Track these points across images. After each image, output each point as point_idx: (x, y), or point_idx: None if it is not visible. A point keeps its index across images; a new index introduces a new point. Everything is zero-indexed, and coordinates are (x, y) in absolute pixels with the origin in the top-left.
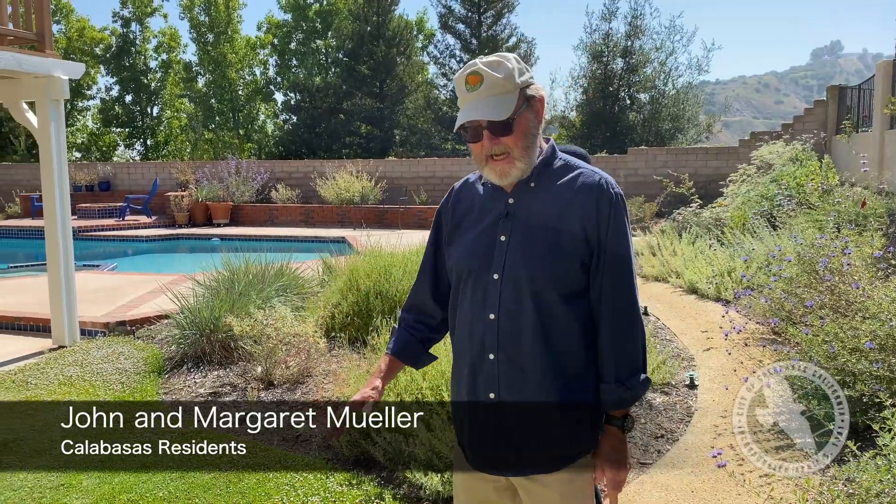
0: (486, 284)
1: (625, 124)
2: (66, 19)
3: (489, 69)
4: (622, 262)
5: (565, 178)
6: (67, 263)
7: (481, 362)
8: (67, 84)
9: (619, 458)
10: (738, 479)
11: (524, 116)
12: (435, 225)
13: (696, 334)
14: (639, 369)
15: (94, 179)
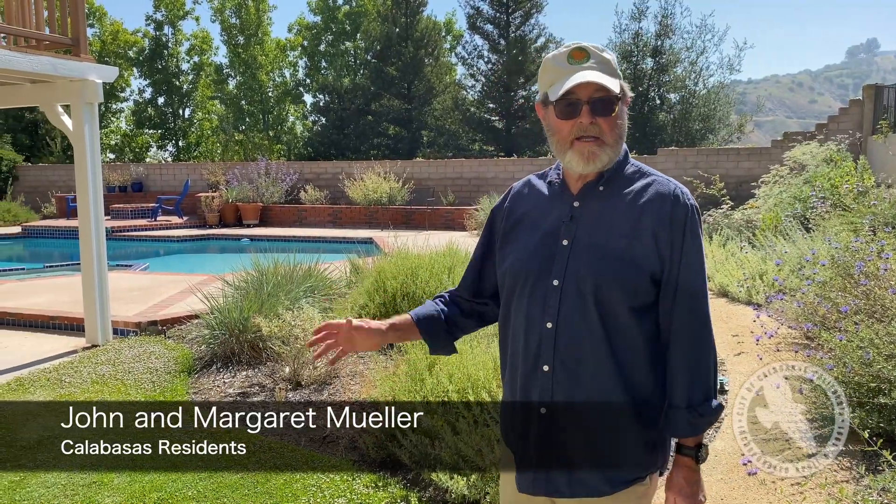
0: (545, 291)
1: (655, 124)
2: (99, 22)
3: (595, 49)
4: (696, 277)
5: (637, 184)
6: (101, 263)
7: (534, 374)
8: (101, 87)
9: (693, 490)
10: (770, 487)
11: (621, 106)
12: (487, 225)
13: (726, 338)
14: (711, 395)
15: (127, 180)
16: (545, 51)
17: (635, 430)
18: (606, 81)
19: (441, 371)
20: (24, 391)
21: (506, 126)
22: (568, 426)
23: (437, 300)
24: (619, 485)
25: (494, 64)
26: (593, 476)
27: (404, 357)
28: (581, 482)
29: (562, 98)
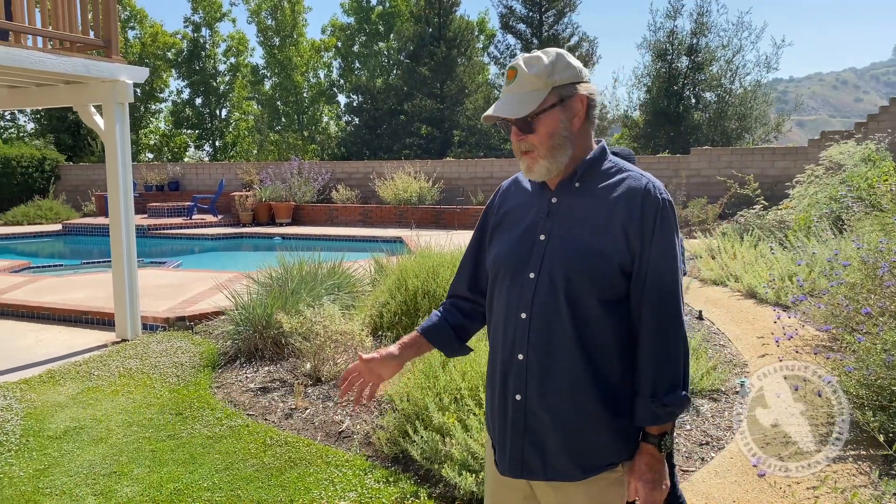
0: (522, 283)
1: (689, 123)
2: (140, 25)
3: (525, 65)
4: (666, 272)
5: (611, 180)
6: (130, 260)
7: (511, 362)
8: (132, 88)
9: (654, 477)
10: (782, 491)
11: (552, 116)
12: (480, 221)
13: (751, 340)
14: (678, 385)
15: (164, 179)
16: (578, 49)
17: (606, 418)
18: (505, 112)
19: (454, 369)
20: (54, 383)
21: None
22: (540, 413)
23: (440, 309)
24: (591, 470)
25: None
26: (565, 461)
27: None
28: (554, 467)
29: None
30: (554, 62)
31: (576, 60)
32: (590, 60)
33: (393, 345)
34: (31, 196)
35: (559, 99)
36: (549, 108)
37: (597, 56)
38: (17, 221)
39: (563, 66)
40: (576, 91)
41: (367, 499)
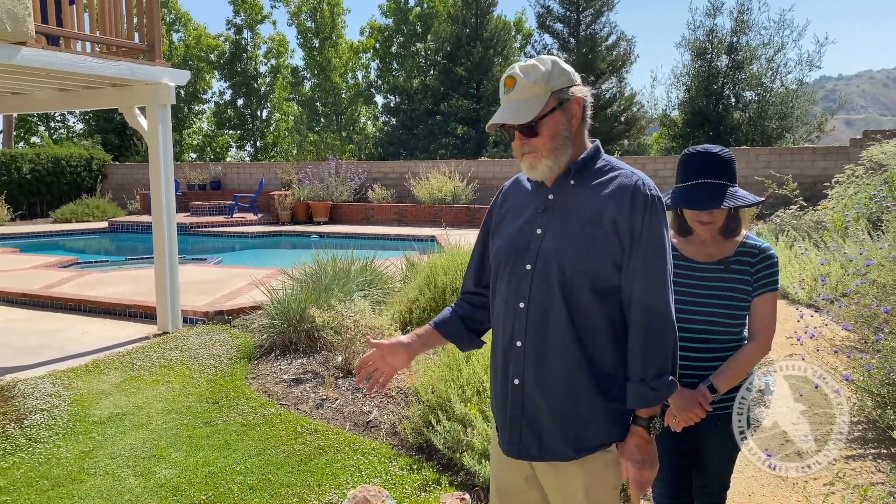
0: (520, 275)
1: (729, 123)
2: (185, 28)
3: (522, 73)
4: (654, 263)
5: (604, 177)
6: (172, 256)
7: (510, 349)
8: (174, 90)
9: (643, 458)
10: (798, 487)
11: (553, 119)
12: (485, 219)
13: (779, 340)
14: (665, 371)
15: (206, 179)
16: (616, 49)
17: (598, 402)
18: (511, 119)
19: (477, 363)
20: (99, 372)
21: None
22: (536, 397)
23: (448, 307)
24: (584, 451)
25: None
26: (560, 442)
27: (447, 349)
28: (549, 447)
29: (502, 126)
30: (550, 69)
31: (569, 66)
32: (627, 60)
33: (406, 335)
34: (79, 194)
35: (558, 103)
36: (550, 112)
37: (634, 55)
38: (66, 219)
39: (559, 72)
40: (572, 94)
41: (392, 485)
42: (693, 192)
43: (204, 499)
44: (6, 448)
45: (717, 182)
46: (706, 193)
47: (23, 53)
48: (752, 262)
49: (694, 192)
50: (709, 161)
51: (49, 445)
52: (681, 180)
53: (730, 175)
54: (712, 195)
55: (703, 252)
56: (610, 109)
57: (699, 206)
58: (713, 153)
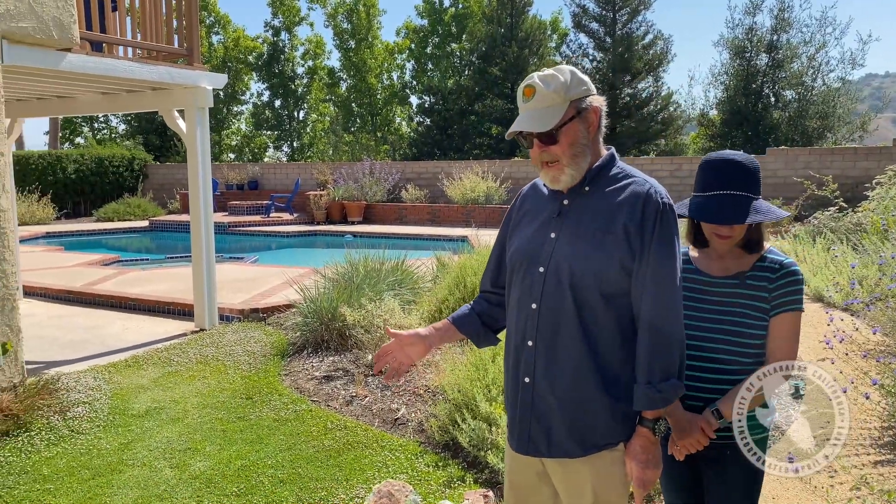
0: (533, 276)
1: (768, 123)
2: (224, 30)
3: (542, 83)
4: (663, 269)
5: (618, 184)
6: (209, 255)
7: (522, 348)
8: (211, 93)
9: (647, 458)
10: (823, 492)
11: (572, 127)
12: (504, 221)
13: (812, 343)
14: (672, 374)
15: (244, 179)
16: (653, 48)
17: (605, 402)
18: (532, 127)
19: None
20: (138, 367)
21: (610, 125)
22: (546, 395)
23: (466, 304)
24: (591, 449)
25: (599, 62)
26: (568, 440)
27: (472, 348)
28: (558, 444)
29: (519, 134)
30: (569, 79)
31: (585, 76)
32: (664, 59)
33: (425, 327)
34: (121, 194)
35: (577, 111)
36: (569, 121)
37: (672, 54)
38: (108, 218)
39: (578, 81)
40: (589, 104)
41: (417, 481)
42: (713, 203)
43: (236, 491)
44: (50, 439)
45: (739, 194)
46: (728, 206)
47: (68, 59)
48: (770, 277)
49: (714, 203)
50: (733, 170)
51: (90, 437)
52: (700, 189)
53: (754, 186)
54: (735, 208)
55: (719, 265)
56: (646, 109)
57: (720, 219)
58: (738, 161)
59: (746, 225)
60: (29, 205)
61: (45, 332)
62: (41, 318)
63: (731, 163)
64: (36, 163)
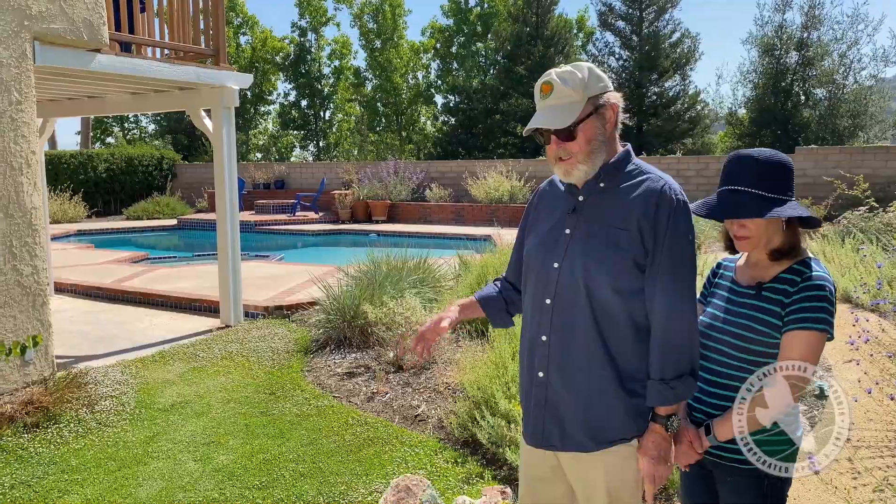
0: (548, 272)
1: (798, 121)
2: (251, 31)
3: (560, 79)
4: (677, 265)
5: (633, 181)
6: (234, 253)
7: (536, 343)
8: (237, 93)
9: (659, 454)
10: (845, 493)
11: (590, 124)
12: (523, 217)
13: (838, 345)
14: (685, 371)
15: (270, 178)
16: (680, 46)
17: (619, 397)
18: (550, 123)
19: None
20: (164, 362)
21: (636, 123)
22: (560, 389)
23: (495, 282)
24: (604, 443)
25: (626, 60)
26: (581, 434)
27: (494, 346)
28: (570, 438)
29: (536, 131)
30: (587, 75)
31: (603, 73)
32: (692, 57)
33: (455, 305)
34: (150, 193)
35: (594, 108)
36: (587, 118)
37: (699, 52)
38: (137, 216)
39: (596, 78)
40: (607, 101)
41: (436, 476)
42: (714, 199)
43: (258, 484)
44: (79, 431)
45: (743, 189)
46: (726, 203)
47: (98, 60)
48: (789, 290)
49: (714, 199)
50: (746, 165)
51: (117, 429)
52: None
53: (772, 184)
54: (734, 205)
55: (747, 274)
56: (673, 108)
57: (715, 214)
58: (753, 157)
59: (765, 228)
60: (61, 203)
61: (74, 328)
62: (71, 313)
63: (742, 158)
64: (68, 162)
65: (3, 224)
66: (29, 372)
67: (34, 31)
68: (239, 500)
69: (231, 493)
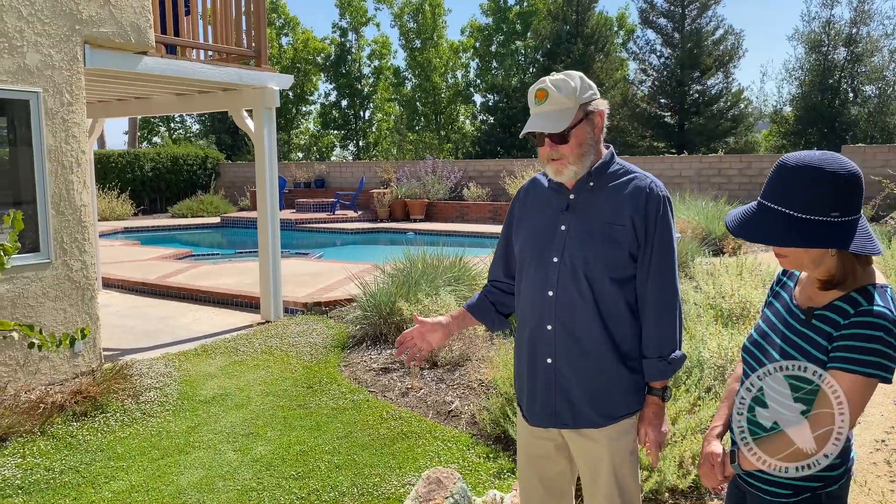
0: (547, 266)
1: (845, 119)
2: (293, 32)
3: (554, 87)
4: (665, 254)
5: (620, 180)
6: (275, 250)
7: (540, 332)
8: (278, 94)
9: (659, 422)
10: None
11: (581, 128)
12: (508, 215)
13: None
14: (676, 347)
15: (311, 177)
16: (723, 43)
17: (622, 374)
18: (547, 128)
19: None
20: (206, 356)
21: (678, 122)
22: (568, 373)
23: (480, 293)
24: (611, 419)
25: (667, 58)
26: (590, 412)
27: None
28: (582, 416)
29: (530, 134)
30: (579, 84)
31: (591, 82)
32: (735, 54)
33: (443, 316)
34: (194, 191)
35: (585, 114)
36: (578, 123)
37: (743, 49)
38: (182, 214)
39: (586, 86)
40: (596, 107)
41: (468, 471)
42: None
43: (294, 474)
44: (124, 420)
45: (772, 207)
46: (750, 219)
47: (144, 62)
48: (839, 322)
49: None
50: (779, 174)
51: (160, 420)
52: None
53: (806, 201)
54: (753, 224)
55: (803, 294)
56: (716, 106)
57: (732, 231)
58: (784, 164)
59: (804, 252)
60: (109, 201)
61: (121, 321)
62: (118, 308)
63: (779, 164)
64: (116, 161)
65: (54, 220)
66: (78, 363)
67: (84, 34)
68: (275, 490)
69: (268, 482)
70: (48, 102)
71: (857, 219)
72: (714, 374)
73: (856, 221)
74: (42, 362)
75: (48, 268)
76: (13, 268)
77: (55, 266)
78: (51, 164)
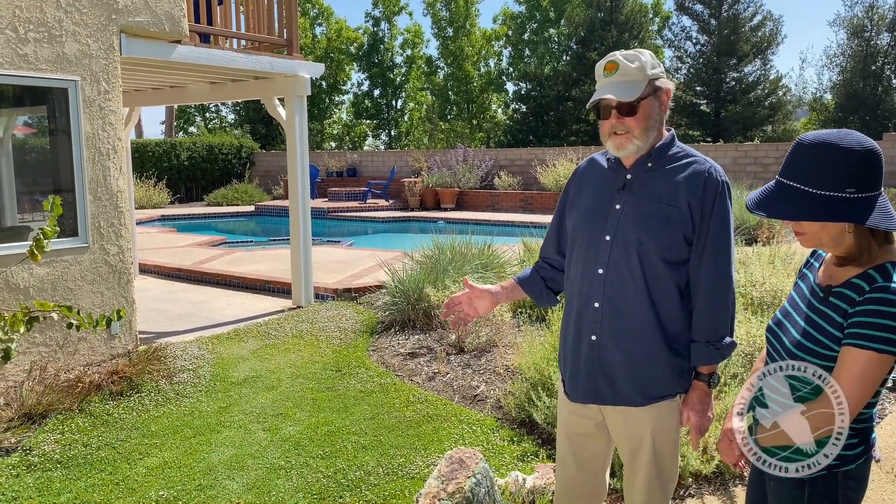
0: (599, 244)
1: (888, 107)
2: (326, 21)
3: (625, 59)
4: (721, 240)
5: (679, 163)
6: (306, 238)
7: (587, 309)
8: (309, 82)
9: (703, 408)
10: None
11: (648, 103)
12: (563, 193)
13: None
14: (727, 334)
15: (343, 166)
16: (761, 29)
17: (666, 356)
18: (621, 96)
19: None
20: (239, 339)
21: (714, 110)
22: (612, 351)
23: (531, 267)
24: (652, 399)
25: (703, 45)
26: (631, 390)
27: (553, 331)
28: (621, 394)
29: (595, 106)
30: (649, 60)
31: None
32: (773, 40)
33: (495, 285)
34: (229, 180)
35: (653, 90)
36: (647, 97)
37: (781, 35)
38: (217, 202)
39: (655, 63)
40: (664, 85)
41: (492, 454)
42: (759, 192)
43: (321, 454)
44: (158, 400)
45: (789, 184)
46: (769, 196)
47: (178, 51)
48: (855, 299)
49: (760, 191)
50: (796, 152)
51: (193, 400)
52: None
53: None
54: (769, 200)
55: (826, 273)
56: (753, 93)
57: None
58: (800, 143)
59: (822, 228)
60: (146, 189)
61: (156, 306)
62: (154, 292)
63: (796, 143)
64: (153, 150)
65: (91, 206)
66: (114, 345)
67: (121, 24)
68: (303, 468)
69: (296, 461)
70: (86, 90)
71: (876, 196)
72: (742, 362)
73: (874, 198)
74: (80, 343)
75: (86, 252)
76: (53, 251)
77: (93, 250)
78: (88, 150)
